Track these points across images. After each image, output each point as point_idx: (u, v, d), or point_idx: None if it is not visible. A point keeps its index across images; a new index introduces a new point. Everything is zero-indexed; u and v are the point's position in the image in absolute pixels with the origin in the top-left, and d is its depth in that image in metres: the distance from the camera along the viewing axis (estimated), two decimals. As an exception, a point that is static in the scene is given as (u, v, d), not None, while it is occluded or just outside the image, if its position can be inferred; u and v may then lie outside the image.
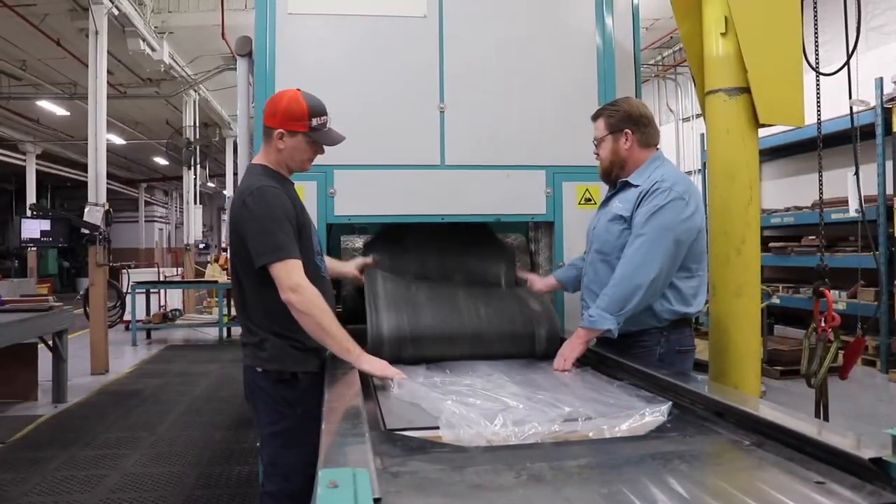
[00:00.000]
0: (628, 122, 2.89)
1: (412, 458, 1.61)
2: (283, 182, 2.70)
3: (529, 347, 2.93)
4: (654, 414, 1.96)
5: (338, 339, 2.47)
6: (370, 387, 2.38)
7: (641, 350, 2.79)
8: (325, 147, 2.80)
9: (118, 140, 18.12)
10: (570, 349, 2.71)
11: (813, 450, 1.58)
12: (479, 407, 2.00)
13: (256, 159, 2.77)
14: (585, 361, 2.79)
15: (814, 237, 8.82)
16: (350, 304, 3.54)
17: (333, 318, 2.50)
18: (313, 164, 3.30)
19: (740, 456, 1.65)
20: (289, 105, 2.64)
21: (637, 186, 2.81)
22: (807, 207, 9.32)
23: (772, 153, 10.26)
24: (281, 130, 2.64)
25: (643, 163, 2.88)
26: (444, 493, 1.41)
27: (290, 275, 2.46)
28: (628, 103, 2.96)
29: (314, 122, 2.66)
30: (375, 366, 2.45)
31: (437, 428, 1.82)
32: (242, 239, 2.56)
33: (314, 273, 2.62)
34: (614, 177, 2.95)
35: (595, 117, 3.00)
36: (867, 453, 1.43)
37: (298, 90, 2.69)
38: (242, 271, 2.63)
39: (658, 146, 2.96)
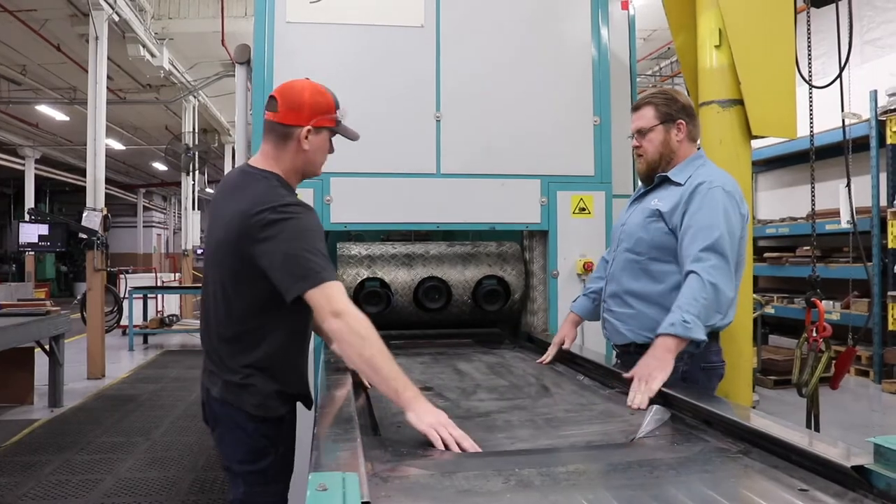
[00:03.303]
0: (682, 112, 2.65)
1: (403, 463, 1.63)
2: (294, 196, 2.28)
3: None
4: (643, 421, 1.99)
5: (384, 377, 1.98)
6: (363, 392, 2.40)
7: None
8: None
9: (117, 145, 18.13)
10: (660, 369, 2.23)
11: (798, 458, 1.60)
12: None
13: (264, 164, 2.29)
14: (579, 369, 2.82)
15: (809, 248, 8.85)
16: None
17: (383, 349, 2.01)
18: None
19: (727, 463, 1.67)
20: (314, 97, 2.25)
21: (680, 185, 2.57)
22: (802, 218, 9.36)
23: (768, 164, 10.31)
24: (309, 127, 2.23)
25: (685, 158, 2.66)
26: (432, 497, 1.43)
27: (331, 300, 2.02)
28: (678, 93, 2.73)
29: (338, 115, 2.30)
30: (428, 419, 1.86)
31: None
32: (251, 261, 2.12)
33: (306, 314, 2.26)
34: (660, 171, 2.67)
35: (639, 106, 2.71)
36: (850, 461, 1.45)
37: (307, 79, 2.33)
38: (237, 297, 2.21)
39: (697, 141, 2.73)
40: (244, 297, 2.20)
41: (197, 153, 14.53)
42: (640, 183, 2.87)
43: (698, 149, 2.75)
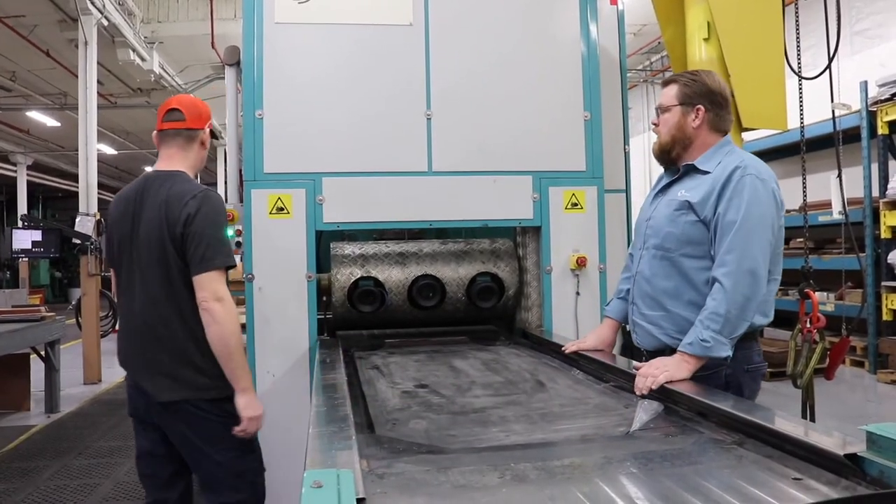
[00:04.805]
0: (704, 98, 2.49)
1: (398, 460, 1.63)
2: None
3: None
4: (638, 414, 2.00)
5: (235, 363, 2.49)
6: (358, 390, 2.40)
7: (703, 372, 2.29)
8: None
9: (109, 150, 18.08)
10: (673, 370, 2.21)
11: (792, 447, 1.61)
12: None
13: (169, 167, 2.67)
14: (575, 364, 2.82)
15: (801, 240, 8.87)
16: (340, 311, 3.56)
17: (241, 341, 2.53)
18: (302, 172, 3.39)
19: (721, 454, 1.68)
20: (205, 107, 2.78)
21: (708, 173, 2.43)
22: (794, 210, 9.36)
23: (760, 156, 10.28)
24: (207, 130, 2.76)
25: (710, 147, 2.50)
26: (428, 493, 1.44)
27: (216, 283, 2.45)
28: (711, 77, 2.55)
29: None
30: (250, 413, 2.52)
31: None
32: (182, 243, 2.49)
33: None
34: (674, 156, 2.56)
35: (667, 83, 2.60)
36: (843, 450, 1.46)
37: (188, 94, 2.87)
38: (183, 287, 2.52)
39: (727, 133, 2.57)
40: (186, 286, 2.51)
41: (189, 156, 14.47)
42: (660, 171, 2.72)
43: (726, 136, 2.57)
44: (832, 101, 3.87)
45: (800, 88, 3.70)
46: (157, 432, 2.63)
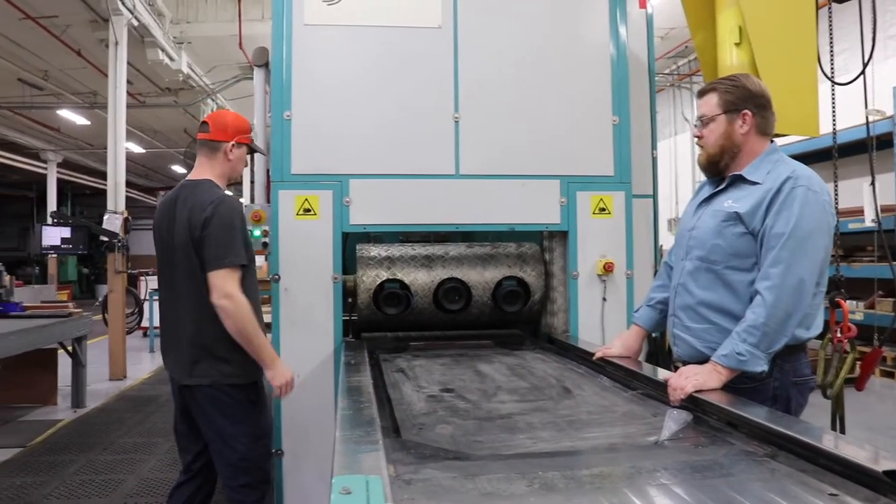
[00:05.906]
0: (749, 102, 2.41)
1: (425, 466, 1.62)
2: None
3: None
4: (667, 423, 1.97)
5: (255, 346, 2.80)
6: (384, 393, 2.40)
7: (750, 385, 2.26)
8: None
9: (137, 148, 18.28)
10: (705, 379, 2.19)
11: (826, 462, 1.58)
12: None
13: (199, 175, 2.97)
14: (601, 370, 2.80)
15: (832, 247, 8.72)
16: (366, 313, 3.56)
17: (256, 325, 2.81)
18: (330, 173, 3.40)
19: (753, 467, 1.65)
20: (236, 120, 3.03)
21: (757, 184, 2.34)
22: (825, 217, 9.23)
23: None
24: (232, 143, 2.98)
25: (757, 154, 2.41)
26: (456, 500, 1.42)
27: (226, 281, 2.73)
28: (749, 80, 2.46)
29: (252, 135, 3.11)
30: (279, 381, 2.88)
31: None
32: (201, 245, 2.77)
33: (251, 278, 2.95)
34: (723, 166, 2.47)
35: (704, 92, 2.51)
36: (880, 465, 1.43)
37: (229, 109, 3.07)
38: (204, 281, 2.79)
39: (772, 137, 2.48)
40: (206, 283, 2.76)
41: (215, 156, 14.56)
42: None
43: (771, 142, 2.48)
44: (866, 106, 3.80)
45: (832, 94, 3.65)
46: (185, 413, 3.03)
